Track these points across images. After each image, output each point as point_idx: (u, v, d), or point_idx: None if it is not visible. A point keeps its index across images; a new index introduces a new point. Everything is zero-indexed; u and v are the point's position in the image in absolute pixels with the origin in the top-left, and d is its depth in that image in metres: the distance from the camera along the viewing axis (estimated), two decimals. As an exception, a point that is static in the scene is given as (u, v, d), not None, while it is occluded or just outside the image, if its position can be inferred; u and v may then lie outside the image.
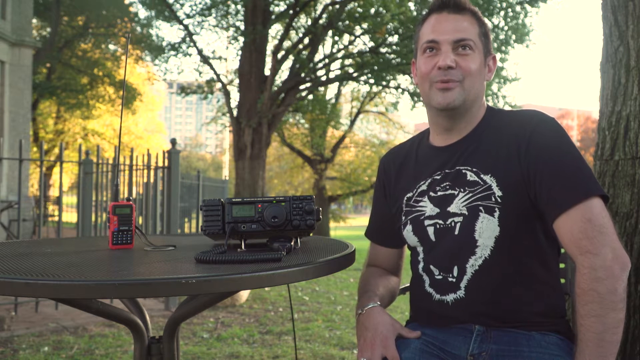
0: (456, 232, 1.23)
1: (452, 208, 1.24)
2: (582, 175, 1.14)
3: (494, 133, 1.26)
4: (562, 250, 1.39)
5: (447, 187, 1.26)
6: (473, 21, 1.28)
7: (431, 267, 1.28)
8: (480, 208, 1.20)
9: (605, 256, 1.08)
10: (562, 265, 1.47)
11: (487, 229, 1.19)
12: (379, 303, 1.28)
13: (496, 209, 1.19)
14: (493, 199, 1.19)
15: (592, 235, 1.09)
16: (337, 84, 18.70)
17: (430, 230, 1.27)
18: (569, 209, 1.12)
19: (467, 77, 1.25)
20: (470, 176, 1.24)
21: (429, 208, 1.28)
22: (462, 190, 1.24)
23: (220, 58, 14.71)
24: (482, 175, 1.22)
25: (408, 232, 1.32)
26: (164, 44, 15.11)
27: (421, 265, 1.31)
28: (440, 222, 1.25)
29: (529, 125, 1.21)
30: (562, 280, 1.45)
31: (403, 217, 1.34)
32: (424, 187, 1.31)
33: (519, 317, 1.20)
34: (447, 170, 1.28)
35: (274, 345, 3.45)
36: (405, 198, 1.34)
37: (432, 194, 1.28)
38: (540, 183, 1.16)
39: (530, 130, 1.20)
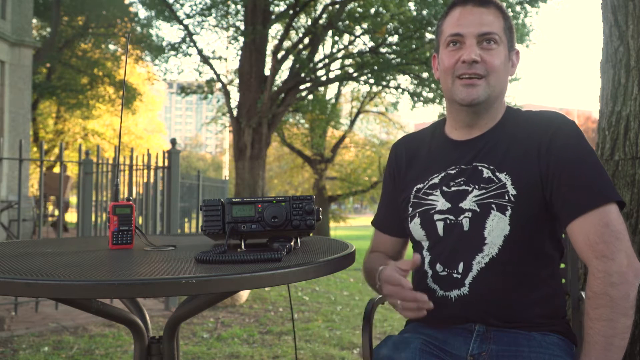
0: (465, 228, 1.22)
1: (464, 204, 1.23)
2: (602, 181, 1.14)
3: (513, 132, 1.25)
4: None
5: (462, 182, 1.25)
6: (498, 14, 1.26)
7: (435, 262, 1.27)
8: (493, 206, 1.19)
9: (620, 261, 1.08)
10: (562, 266, 1.47)
11: (497, 227, 1.19)
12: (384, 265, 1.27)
13: (508, 208, 1.18)
14: (506, 198, 1.19)
15: (608, 240, 1.09)
16: (337, 84, 18.69)
17: (440, 225, 1.25)
18: (586, 212, 1.12)
19: (492, 72, 1.23)
20: (486, 173, 1.23)
21: (440, 202, 1.26)
22: (476, 187, 1.23)
23: (220, 58, 14.71)
24: (497, 173, 1.22)
25: (415, 225, 1.30)
26: (164, 44, 15.11)
27: (426, 260, 1.29)
28: (451, 217, 1.24)
29: (550, 127, 1.20)
30: (563, 281, 1.45)
31: (410, 209, 1.32)
32: (435, 180, 1.29)
33: (521, 318, 1.20)
34: (463, 166, 1.27)
35: (274, 345, 3.45)
36: (415, 189, 1.32)
37: (445, 188, 1.27)
38: (559, 184, 1.16)
39: (552, 132, 1.19)
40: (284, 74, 13.98)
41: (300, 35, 14.56)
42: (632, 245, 1.59)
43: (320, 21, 13.24)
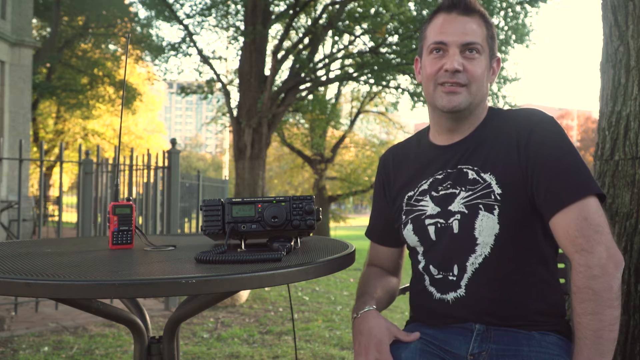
0: (455, 231, 1.23)
1: (453, 207, 1.24)
2: (580, 174, 1.15)
3: (494, 132, 1.27)
4: (560, 250, 1.40)
5: (449, 186, 1.26)
6: (481, 23, 1.27)
7: (430, 266, 1.28)
8: (480, 206, 1.20)
9: (600, 254, 1.09)
10: (561, 265, 1.47)
11: (486, 227, 1.19)
12: (374, 307, 1.27)
13: (496, 207, 1.19)
14: (493, 197, 1.20)
15: (587, 234, 1.10)
16: (337, 84, 18.70)
17: (431, 229, 1.26)
18: (566, 206, 1.13)
19: (473, 81, 1.24)
20: (471, 175, 1.24)
21: (430, 207, 1.27)
22: (463, 189, 1.24)
23: (220, 58, 14.71)
24: (482, 174, 1.23)
25: (408, 232, 1.31)
26: (164, 44, 15.11)
27: (421, 264, 1.31)
28: (442, 221, 1.25)
29: (528, 124, 1.21)
30: (562, 280, 1.45)
31: (403, 217, 1.33)
32: (425, 187, 1.31)
33: (520, 316, 1.20)
34: (449, 170, 1.28)
35: (274, 345, 3.45)
36: (406, 197, 1.34)
37: (434, 193, 1.28)
38: (539, 180, 1.17)
39: (530, 128, 1.20)
40: (284, 74, 14.00)
41: (300, 35, 14.56)
42: (633, 246, 1.60)
43: (320, 21, 13.24)
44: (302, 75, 12.85)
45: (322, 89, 17.03)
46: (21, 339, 3.44)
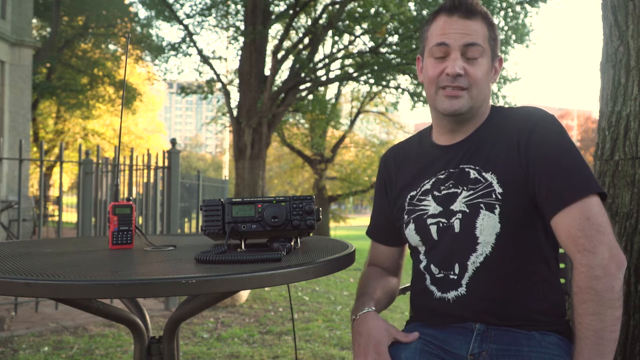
0: (456, 230, 1.23)
1: (455, 206, 1.24)
2: (581, 173, 1.15)
3: (496, 131, 1.27)
4: (561, 250, 1.40)
5: (451, 185, 1.26)
6: (483, 25, 1.26)
7: (432, 265, 1.28)
8: (481, 205, 1.20)
9: (602, 255, 1.08)
10: (562, 265, 1.47)
11: (487, 226, 1.19)
12: (373, 308, 1.27)
13: (497, 206, 1.19)
14: (494, 196, 1.20)
15: (590, 234, 1.09)
16: (337, 84, 18.70)
17: (433, 228, 1.26)
18: (567, 206, 1.12)
19: (474, 85, 1.24)
20: (473, 174, 1.24)
21: (432, 207, 1.27)
22: (465, 188, 1.24)
23: (220, 58, 14.72)
24: (483, 173, 1.23)
25: (410, 231, 1.31)
26: (164, 44, 15.12)
27: (423, 264, 1.31)
28: (444, 220, 1.25)
29: (529, 122, 1.21)
30: (562, 280, 1.45)
31: (405, 216, 1.33)
32: (427, 186, 1.31)
33: (520, 315, 1.20)
34: (451, 170, 1.28)
35: (274, 345, 3.45)
36: (409, 197, 1.34)
37: (436, 193, 1.28)
38: (540, 179, 1.17)
39: (531, 127, 1.20)
40: (284, 74, 14.00)
41: (300, 35, 14.56)
42: (633, 246, 1.60)
43: (320, 21, 13.24)
44: (302, 75, 12.86)
45: (322, 89, 17.03)
46: (21, 339, 3.44)
